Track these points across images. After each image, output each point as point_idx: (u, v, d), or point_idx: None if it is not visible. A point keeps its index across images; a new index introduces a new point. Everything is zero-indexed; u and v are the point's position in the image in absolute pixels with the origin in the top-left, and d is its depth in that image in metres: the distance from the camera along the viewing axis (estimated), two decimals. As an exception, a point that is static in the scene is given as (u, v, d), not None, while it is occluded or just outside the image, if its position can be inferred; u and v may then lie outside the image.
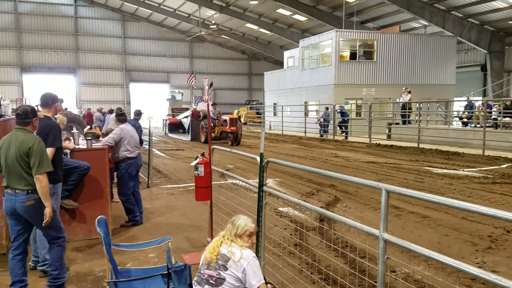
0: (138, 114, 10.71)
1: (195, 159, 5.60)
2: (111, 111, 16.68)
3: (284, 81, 31.59)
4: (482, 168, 12.14)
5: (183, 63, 49.18)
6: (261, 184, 4.22)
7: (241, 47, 49.33)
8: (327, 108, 23.15)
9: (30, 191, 3.96)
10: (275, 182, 10.46)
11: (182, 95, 37.31)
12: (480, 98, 26.80)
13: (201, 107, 24.08)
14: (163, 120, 31.04)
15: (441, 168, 12.29)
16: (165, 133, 29.11)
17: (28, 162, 3.95)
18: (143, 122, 12.95)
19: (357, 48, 25.53)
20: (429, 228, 6.45)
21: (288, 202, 6.54)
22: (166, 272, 3.49)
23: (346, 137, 21.88)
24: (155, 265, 4.84)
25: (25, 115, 4.08)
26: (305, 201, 8.30)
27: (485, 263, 4.98)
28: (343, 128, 22.45)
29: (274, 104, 32.48)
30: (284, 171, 11.65)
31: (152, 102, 48.28)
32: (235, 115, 22.85)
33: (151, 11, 42.29)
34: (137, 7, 42.14)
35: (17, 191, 3.97)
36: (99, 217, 3.68)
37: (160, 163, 14.23)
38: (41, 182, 3.93)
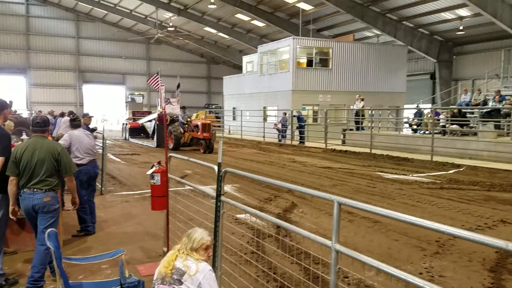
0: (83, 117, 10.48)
1: (151, 168, 5.53)
2: (62, 115, 16.12)
3: (243, 86, 31.75)
4: (430, 174, 12.73)
5: (140, 64, 48.29)
6: (219, 194, 4.23)
7: (200, 50, 49.06)
8: (285, 114, 23.49)
9: (47, 190, 4.47)
10: (234, 188, 10.48)
11: (143, 98, 35.05)
12: (430, 105, 28.09)
13: (168, 110, 23.36)
14: (123, 124, 29.09)
15: (392, 173, 12.77)
16: (125, 138, 27.30)
17: (55, 165, 4.53)
18: (97, 125, 12.76)
19: (314, 55, 26.12)
20: (380, 233, 6.69)
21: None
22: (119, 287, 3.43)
23: (302, 142, 22.26)
24: (108, 277, 4.74)
25: (44, 124, 4.69)
26: (263, 207, 8.42)
27: (433, 268, 5.23)
28: (300, 133, 22.84)
29: (234, 108, 32.55)
30: (242, 176, 11.70)
31: (106, 104, 47.12)
32: (207, 120, 21.40)
33: (107, 12, 41.25)
34: (91, 7, 40.98)
35: (35, 190, 4.43)
36: (49, 230, 3.57)
37: (114, 169, 13.88)
38: (72, 181, 4.78)
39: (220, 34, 39.94)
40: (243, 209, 4.25)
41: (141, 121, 26.89)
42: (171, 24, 38.95)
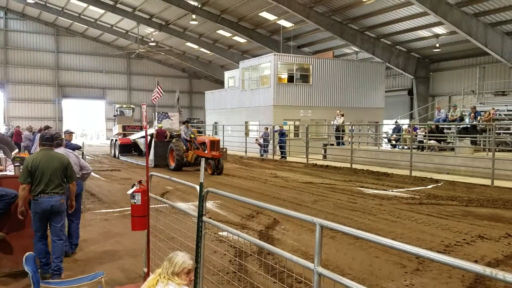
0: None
1: (132, 187, 5.47)
2: (40, 130, 15.84)
3: (225, 101, 31.85)
4: (409, 189, 12.92)
5: (120, 79, 48.04)
6: (201, 214, 4.21)
7: (181, 65, 49.12)
8: (266, 128, 23.61)
9: (61, 193, 5.39)
10: (215, 204, 10.43)
11: (133, 111, 31.41)
12: (408, 121, 28.66)
13: (166, 125, 20.69)
14: (112, 140, 26.42)
15: (372, 188, 12.92)
16: (114, 156, 24.75)
17: (64, 173, 5.42)
18: (76, 140, 12.51)
19: (294, 71, 26.47)
20: (361, 250, 6.74)
21: (228, 225, 6.54)
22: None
23: (284, 157, 22.36)
24: (88, 300, 4.63)
25: (52, 139, 5.58)
26: (245, 224, 8.40)
27: (414, 285, 5.29)
28: (282, 148, 22.96)
29: (215, 123, 32.56)
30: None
31: (86, 119, 46.56)
32: (216, 137, 18.85)
33: (87, 26, 41.08)
34: (71, 22, 40.79)
35: (52, 194, 5.27)
36: (27, 254, 3.50)
37: (94, 185, 13.65)
38: (74, 185, 5.72)
39: (202, 49, 40.14)
40: (225, 229, 4.24)
41: (132, 137, 24.53)
42: (152, 39, 38.98)
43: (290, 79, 26.68)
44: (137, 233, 6.96)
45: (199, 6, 30.38)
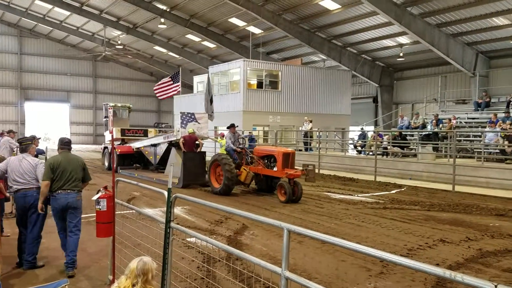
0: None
1: (97, 193, 5.37)
2: (2, 134, 15.26)
3: (194, 106, 31.60)
4: (374, 194, 13.23)
5: (86, 82, 46.96)
6: (168, 220, 4.19)
7: (149, 69, 48.51)
8: (241, 134, 23.61)
9: (77, 191, 6.02)
10: (184, 210, 10.33)
11: (129, 112, 24.80)
12: (373, 127, 29.37)
13: (190, 128, 15.48)
14: (104, 148, 21.46)
15: (338, 193, 13.15)
16: (109, 168, 19.46)
17: (82, 173, 6.09)
18: (40, 145, 11.96)
19: (264, 77, 26.66)
20: (328, 254, 6.85)
21: (196, 230, 6.51)
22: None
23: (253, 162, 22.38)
24: (51, 309, 4.49)
25: (69, 143, 6.33)
26: (214, 230, 8.37)
27: (377, 288, 5.43)
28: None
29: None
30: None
31: (50, 122, 45.21)
32: (290, 149, 13.30)
33: (52, 28, 39.97)
34: (36, 23, 39.55)
35: (69, 191, 5.90)
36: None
37: (57, 191, 13.22)
38: (85, 185, 6.35)
39: (171, 53, 39.81)
40: (193, 235, 4.22)
41: (136, 145, 19.31)
42: (119, 42, 38.35)
43: (260, 85, 26.86)
44: (102, 241, 6.82)
45: (168, 10, 30.16)
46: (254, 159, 13.06)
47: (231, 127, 13.59)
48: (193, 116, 15.95)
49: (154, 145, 17.89)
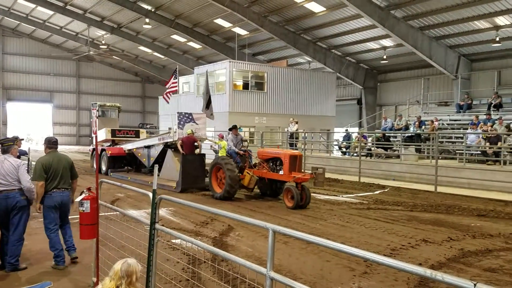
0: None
1: (81, 194, 5.32)
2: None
3: (180, 106, 31.47)
4: (358, 194, 13.37)
5: (69, 82, 46.36)
6: (153, 222, 4.17)
7: (134, 69, 48.15)
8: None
9: (69, 189, 6.32)
10: (169, 211, 10.29)
11: (118, 112, 23.61)
12: (357, 129, 29.63)
13: (188, 129, 14.73)
14: (93, 150, 20.42)
15: (323, 194, 13.24)
16: (100, 171, 18.32)
17: (71, 171, 6.36)
18: (22, 145, 11.60)
19: (249, 78, 26.68)
20: (313, 254, 6.90)
21: (181, 232, 6.49)
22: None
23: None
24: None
25: (57, 142, 6.51)
26: (199, 231, 8.35)
27: (361, 288, 5.49)
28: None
29: (169, 128, 32.06)
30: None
31: (32, 123, 44.52)
32: (296, 151, 13.06)
33: (35, 28, 39.37)
34: (19, 22, 38.90)
35: (63, 189, 6.17)
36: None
37: (39, 193, 13.03)
38: (76, 182, 6.58)
39: (156, 53, 39.58)
40: (179, 236, 4.22)
41: (128, 146, 18.34)
42: (103, 42, 37.96)
43: (245, 86, 26.86)
44: (86, 243, 6.76)
45: (153, 10, 29.98)
46: (258, 162, 12.52)
47: (233, 128, 13.11)
48: (190, 117, 15.23)
49: (148, 147, 17.09)
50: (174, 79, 17.45)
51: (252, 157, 13.01)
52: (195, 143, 14.44)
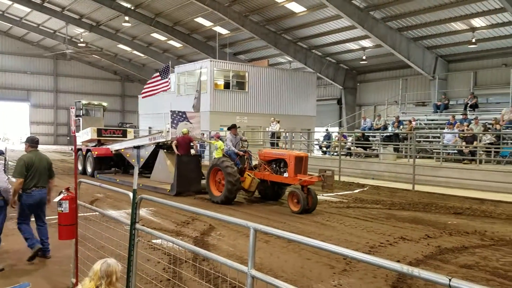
0: None
1: (59, 194, 5.25)
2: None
3: (160, 105, 31.18)
4: (338, 193, 13.52)
5: (47, 80, 45.46)
6: (134, 222, 4.15)
7: (113, 68, 47.51)
8: (202, 134, 23.47)
9: (46, 187, 6.50)
10: (149, 211, 10.21)
11: (103, 110, 22.23)
12: (337, 129, 29.94)
13: (181, 129, 13.98)
14: (78, 150, 17.69)
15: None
16: (84, 172, 17.79)
17: (50, 170, 6.57)
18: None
19: (231, 78, 26.66)
20: (293, 253, 6.96)
21: (162, 232, 6.44)
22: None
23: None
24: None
25: (38, 142, 6.72)
26: (180, 231, 8.32)
27: (341, 285, 5.56)
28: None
29: (150, 128, 31.78)
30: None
31: (9, 122, 43.52)
32: (302, 152, 12.52)
33: (11, 25, 38.46)
34: (-6, 19, 37.97)
35: (41, 188, 6.37)
36: None
37: (16, 194, 12.74)
38: (53, 182, 6.75)
39: (135, 52, 39.15)
40: (159, 236, 4.20)
41: (115, 147, 17.36)
42: (82, 40, 37.33)
43: (227, 85, 26.84)
44: (65, 243, 6.66)
45: (132, 8, 29.65)
46: (260, 164, 11.81)
47: (232, 128, 12.26)
48: (184, 115, 14.52)
49: (137, 147, 16.19)
50: (164, 77, 16.52)
51: (252, 158, 12.32)
52: (191, 144, 13.82)
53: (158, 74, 16.36)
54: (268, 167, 11.48)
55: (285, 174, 10.90)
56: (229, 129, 12.56)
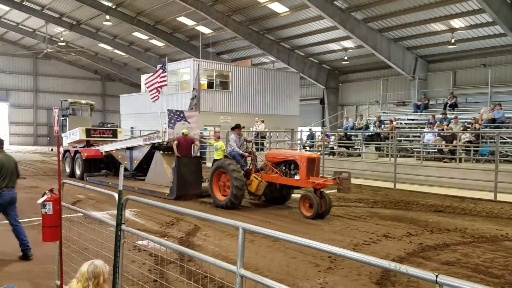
0: None
1: (43, 196, 5.17)
2: None
3: (142, 105, 30.93)
4: (322, 192, 13.60)
5: (26, 80, 44.62)
6: (119, 223, 4.12)
7: (93, 67, 46.87)
8: (201, 134, 23.33)
9: (15, 187, 6.68)
10: (133, 213, 10.12)
11: (91, 110, 21.33)
12: (320, 128, 30.17)
13: (179, 129, 13.35)
14: (64, 152, 18.01)
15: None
16: (73, 175, 17.03)
17: (17, 170, 6.78)
18: None
19: (214, 77, 26.61)
20: (279, 252, 7.00)
21: (147, 233, 6.41)
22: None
23: (204, 163, 22.25)
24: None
25: (3, 142, 6.82)
26: (165, 232, 8.28)
27: (327, 283, 5.62)
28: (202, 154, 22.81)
29: (132, 128, 31.48)
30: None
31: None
32: (314, 153, 11.80)
33: (-12, 23, 37.60)
34: (-29, 17, 37.05)
35: (11, 188, 6.54)
36: None
37: (-5, 196, 12.47)
38: (16, 182, 6.80)
39: (116, 51, 38.71)
40: (146, 237, 4.19)
41: (105, 148, 16.56)
42: (62, 39, 36.73)
43: (210, 85, 26.78)
44: (48, 245, 6.56)
45: (114, 7, 29.31)
46: (266, 166, 11.14)
47: (236, 128, 11.58)
48: (182, 115, 13.81)
49: (130, 148, 15.43)
50: (163, 72, 15.98)
51: (257, 160, 11.62)
52: (193, 144, 13.21)
53: (159, 68, 15.68)
54: (277, 169, 10.77)
55: (296, 177, 10.21)
56: (232, 129, 11.91)
